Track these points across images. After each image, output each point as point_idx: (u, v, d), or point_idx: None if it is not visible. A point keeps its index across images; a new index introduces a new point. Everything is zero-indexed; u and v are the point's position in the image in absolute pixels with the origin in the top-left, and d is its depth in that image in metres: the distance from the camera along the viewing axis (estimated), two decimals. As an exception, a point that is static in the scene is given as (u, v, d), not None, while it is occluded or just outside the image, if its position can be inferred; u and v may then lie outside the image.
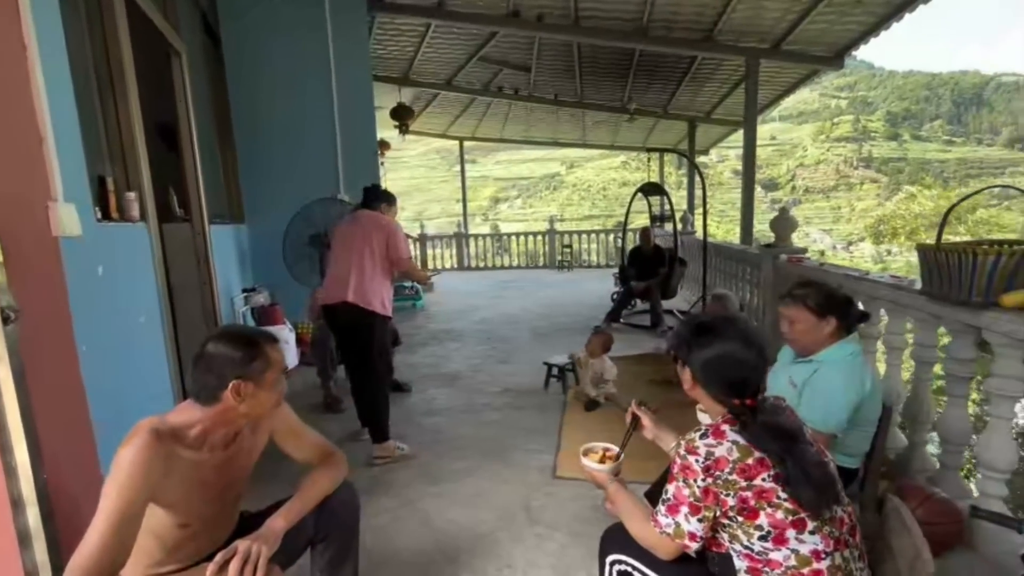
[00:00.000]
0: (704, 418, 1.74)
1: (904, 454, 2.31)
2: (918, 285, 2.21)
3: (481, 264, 11.55)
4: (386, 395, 2.85)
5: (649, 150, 6.67)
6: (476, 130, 11.50)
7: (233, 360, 1.18)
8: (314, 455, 1.47)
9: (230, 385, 1.17)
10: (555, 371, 3.78)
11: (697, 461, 1.11)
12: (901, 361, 2.45)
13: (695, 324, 1.26)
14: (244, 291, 4.44)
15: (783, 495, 1.06)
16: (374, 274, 2.72)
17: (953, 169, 49.57)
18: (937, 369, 2.26)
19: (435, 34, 6.71)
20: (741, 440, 1.10)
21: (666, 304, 5.56)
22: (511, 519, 2.19)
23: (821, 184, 51.48)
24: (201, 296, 3.19)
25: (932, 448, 2.34)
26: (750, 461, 1.08)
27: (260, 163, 4.91)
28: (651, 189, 6.15)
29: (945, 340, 2.10)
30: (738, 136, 9.71)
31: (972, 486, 2.09)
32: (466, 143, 12.19)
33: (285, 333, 4.28)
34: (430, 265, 11.16)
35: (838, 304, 1.81)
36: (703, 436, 1.14)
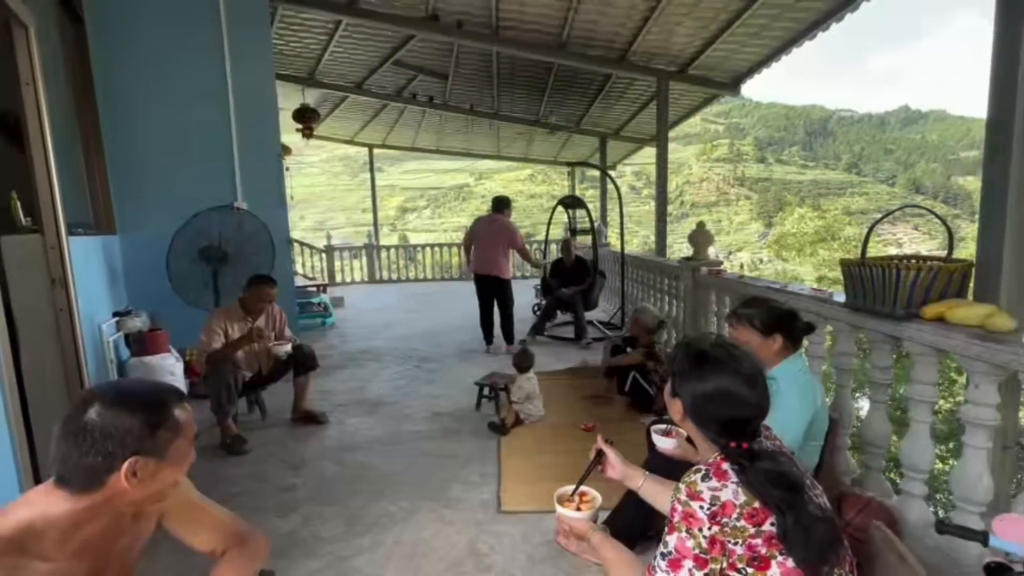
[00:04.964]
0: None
1: (827, 458, 2.44)
2: (836, 297, 2.36)
3: (393, 277, 11.05)
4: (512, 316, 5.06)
5: (569, 164, 6.78)
6: (387, 137, 11.02)
7: (128, 430, 0.86)
8: (220, 540, 1.12)
9: (124, 465, 0.85)
10: (486, 391, 3.61)
11: (702, 508, 1.00)
12: (820, 370, 2.60)
13: (694, 352, 1.13)
14: (116, 315, 3.72)
15: (793, 560, 0.97)
16: (505, 257, 4.93)
17: (808, 189, 57.40)
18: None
19: (345, 32, 6.27)
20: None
21: (587, 315, 5.62)
22: (459, 569, 1.96)
23: (704, 200, 56.94)
24: (56, 326, 2.56)
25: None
26: (757, 504, 0.99)
27: (136, 164, 4.20)
28: (571, 202, 6.24)
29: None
30: (636, 154, 10.35)
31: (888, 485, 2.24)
32: (373, 151, 11.64)
33: (171, 362, 3.66)
34: (338, 278, 10.44)
35: (782, 320, 1.83)
36: (705, 478, 1.03)
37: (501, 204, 5.14)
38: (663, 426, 1.65)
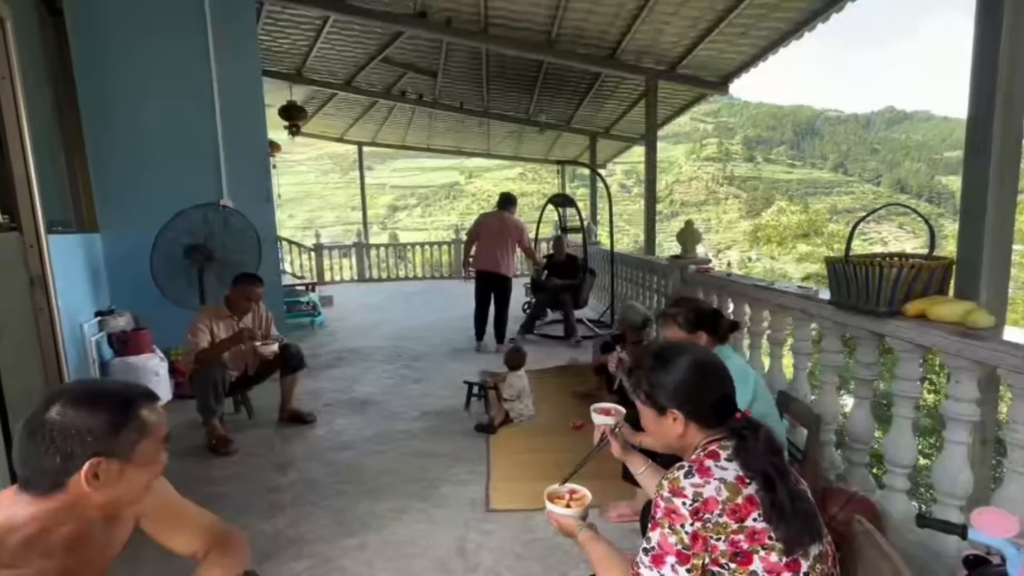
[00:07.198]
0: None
1: (811, 453, 2.46)
2: (821, 295, 2.39)
3: (383, 275, 10.99)
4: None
5: (559, 162, 6.78)
6: (376, 135, 10.94)
7: (90, 430, 0.83)
8: (201, 542, 1.10)
9: (84, 466, 0.82)
10: (476, 390, 3.60)
11: (684, 504, 1.00)
12: (807, 366, 2.62)
13: (654, 354, 1.17)
14: (98, 315, 3.66)
15: (776, 535, 0.98)
16: (510, 254, 4.93)
17: (795, 188, 57.99)
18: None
19: (333, 29, 6.20)
20: (728, 477, 1.01)
21: (576, 314, 5.63)
22: (446, 568, 1.95)
23: (694, 198, 57.33)
24: (36, 327, 2.51)
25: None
26: (739, 500, 0.99)
27: (118, 161, 4.13)
28: (562, 200, 6.24)
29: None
30: (626, 153, 10.38)
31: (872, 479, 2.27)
32: (363, 149, 11.56)
33: (155, 363, 3.61)
34: (327, 277, 10.36)
35: (705, 319, 1.93)
36: (688, 475, 1.03)
37: (507, 201, 5.05)
38: (602, 404, 1.67)
